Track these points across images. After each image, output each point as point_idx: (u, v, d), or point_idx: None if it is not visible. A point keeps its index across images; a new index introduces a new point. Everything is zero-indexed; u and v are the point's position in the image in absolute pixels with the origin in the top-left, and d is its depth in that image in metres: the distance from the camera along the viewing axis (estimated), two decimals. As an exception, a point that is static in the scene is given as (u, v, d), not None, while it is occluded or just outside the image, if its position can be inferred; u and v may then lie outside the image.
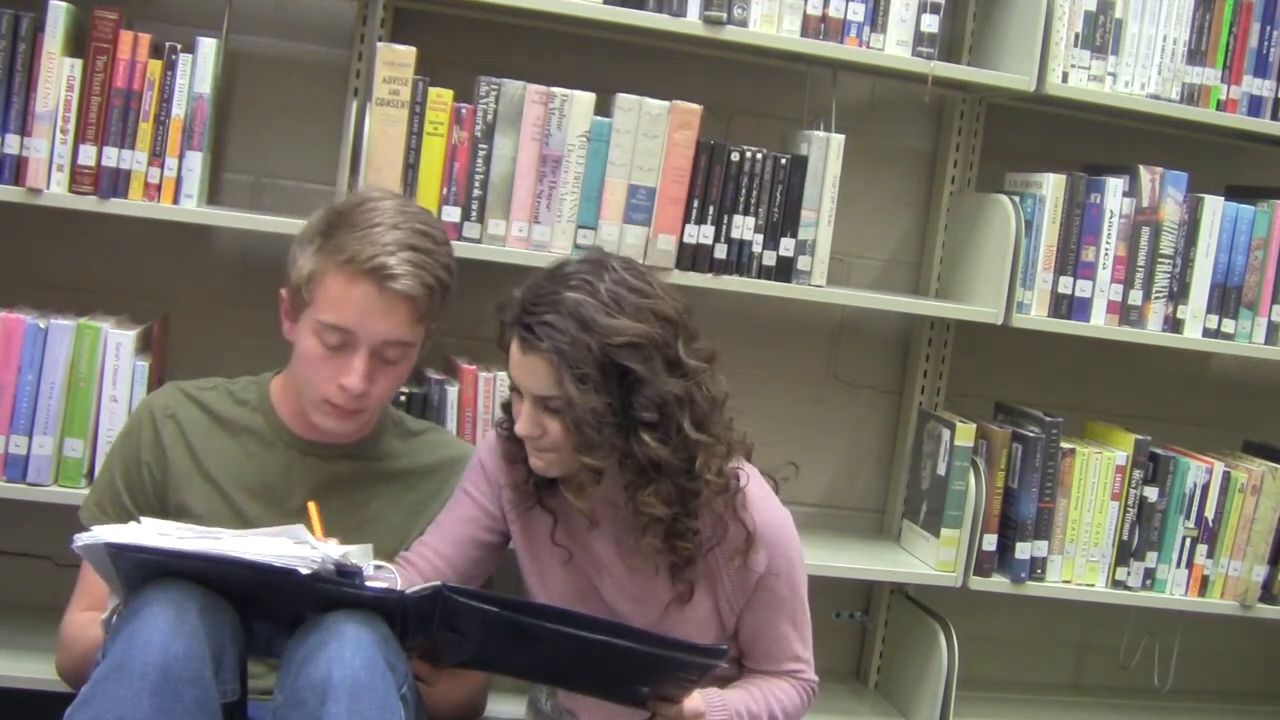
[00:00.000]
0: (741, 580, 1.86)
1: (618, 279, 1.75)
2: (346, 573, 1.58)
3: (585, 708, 1.93)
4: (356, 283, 1.78)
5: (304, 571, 1.53)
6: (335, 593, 1.57)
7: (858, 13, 2.38)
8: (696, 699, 1.77)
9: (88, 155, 2.16)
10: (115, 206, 2.18)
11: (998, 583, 2.52)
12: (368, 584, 1.60)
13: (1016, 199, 2.48)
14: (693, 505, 1.78)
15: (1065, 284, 2.49)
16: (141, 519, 1.65)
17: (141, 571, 1.56)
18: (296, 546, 1.57)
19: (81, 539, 1.56)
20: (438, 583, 1.61)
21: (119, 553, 1.55)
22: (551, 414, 1.74)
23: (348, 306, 1.79)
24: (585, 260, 1.81)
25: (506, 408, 1.85)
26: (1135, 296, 2.52)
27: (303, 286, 1.82)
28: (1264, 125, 2.58)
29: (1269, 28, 2.56)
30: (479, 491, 1.93)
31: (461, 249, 2.19)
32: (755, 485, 1.86)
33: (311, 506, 1.71)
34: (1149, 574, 2.57)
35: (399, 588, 1.63)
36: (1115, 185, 2.49)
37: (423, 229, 1.84)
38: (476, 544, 1.93)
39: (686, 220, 2.32)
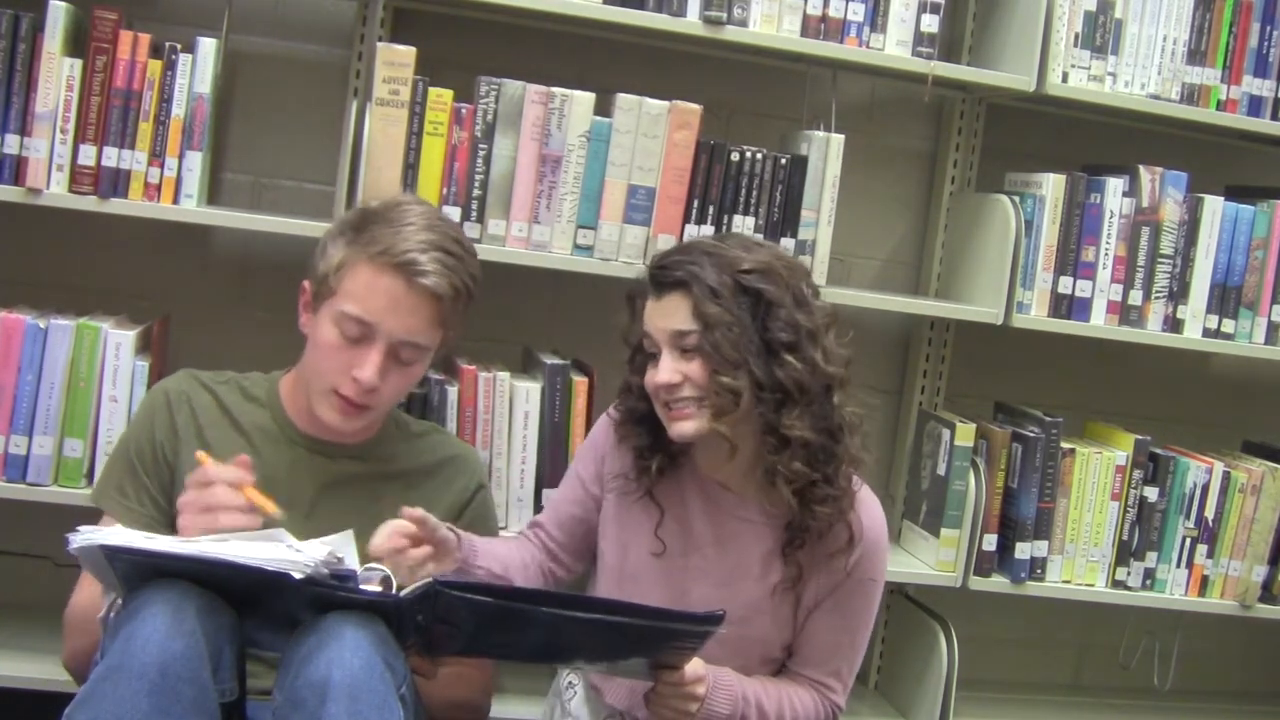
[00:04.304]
0: (829, 579, 1.90)
1: (743, 238, 1.97)
2: (340, 575, 1.58)
3: (605, 682, 1.97)
4: (385, 274, 1.80)
5: (297, 575, 1.53)
6: (330, 596, 1.57)
7: (858, 13, 2.38)
8: (697, 665, 1.78)
9: (88, 155, 2.16)
10: (115, 206, 2.18)
11: (998, 583, 2.52)
12: (362, 586, 1.60)
13: (1016, 199, 2.48)
14: (832, 470, 1.83)
15: (1065, 284, 2.49)
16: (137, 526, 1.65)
17: (138, 572, 1.56)
18: (280, 549, 1.57)
19: (77, 540, 1.56)
20: (430, 580, 1.61)
21: (114, 554, 1.54)
22: (690, 356, 1.80)
23: (374, 298, 1.80)
24: (699, 237, 2.07)
25: (622, 391, 1.93)
26: (1135, 296, 2.52)
27: (330, 275, 1.83)
28: (1264, 125, 2.58)
29: (1269, 28, 2.56)
30: (586, 472, 2.01)
31: (461, 249, 2.20)
32: (866, 491, 1.92)
33: (201, 456, 1.74)
34: (1149, 574, 2.57)
35: (394, 589, 1.63)
36: (1115, 185, 2.49)
37: (454, 237, 1.87)
38: (583, 523, 2.01)
39: (686, 220, 2.32)
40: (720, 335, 1.78)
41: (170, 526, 1.86)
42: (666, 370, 1.82)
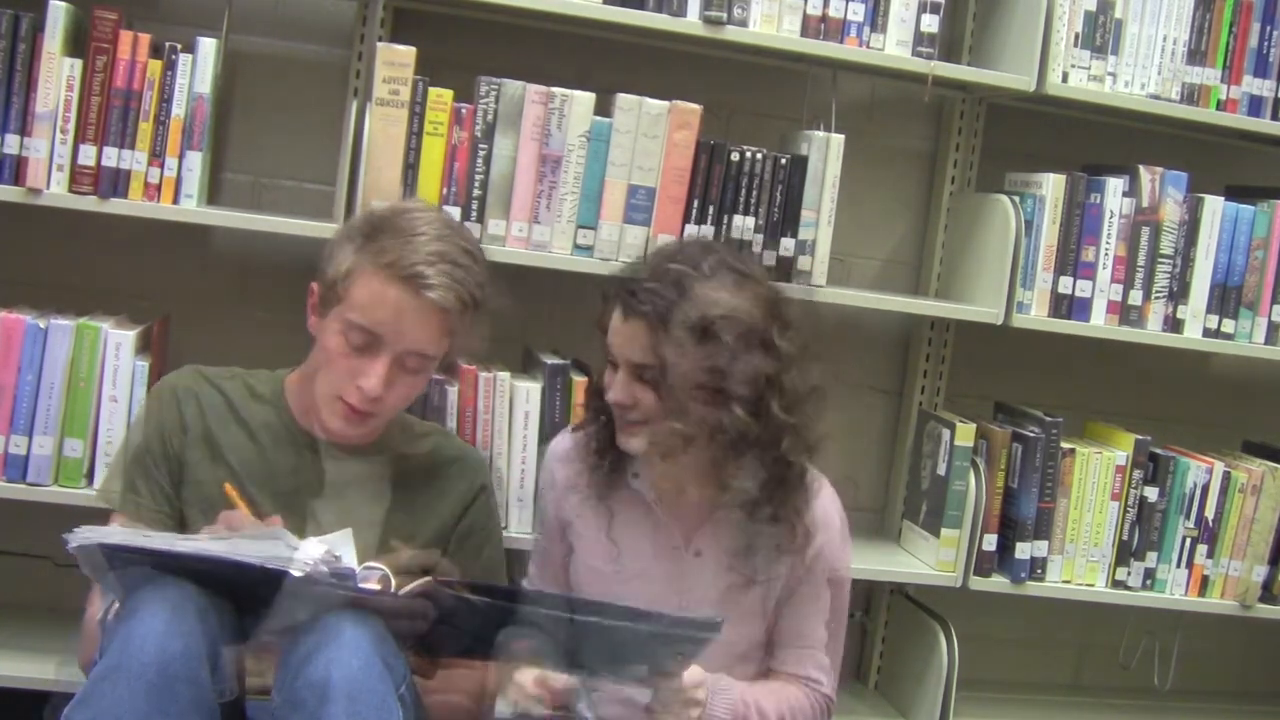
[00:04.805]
0: (790, 574, 1.91)
1: (720, 259, 1.86)
2: (339, 574, 1.58)
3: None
4: (392, 286, 1.79)
5: (297, 573, 1.53)
6: (329, 595, 1.57)
7: (858, 13, 2.38)
8: (697, 671, 1.78)
9: (88, 155, 2.16)
10: (115, 206, 2.18)
11: (998, 583, 2.52)
12: (361, 585, 1.60)
13: (1016, 199, 2.48)
14: (780, 493, 1.84)
15: (1065, 284, 2.49)
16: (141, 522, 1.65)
17: (137, 572, 1.56)
18: (280, 547, 1.57)
19: (75, 540, 1.55)
20: (428, 579, 1.61)
21: (113, 553, 1.54)
22: (645, 385, 1.80)
23: (380, 308, 1.80)
24: (692, 241, 2.00)
25: (590, 396, 1.96)
26: (1135, 296, 2.51)
27: (338, 282, 1.83)
28: (1264, 125, 2.58)
29: (1269, 28, 2.55)
30: (551, 504, 2.04)
31: (461, 249, 2.20)
32: (825, 486, 1.94)
33: (229, 489, 1.74)
34: (1149, 574, 2.57)
35: (392, 588, 1.63)
36: (1115, 185, 2.49)
37: (464, 246, 1.87)
38: (567, 550, 2.04)
39: (686, 220, 2.32)
40: (676, 380, 1.77)
41: (179, 523, 1.87)
42: (619, 389, 1.83)
